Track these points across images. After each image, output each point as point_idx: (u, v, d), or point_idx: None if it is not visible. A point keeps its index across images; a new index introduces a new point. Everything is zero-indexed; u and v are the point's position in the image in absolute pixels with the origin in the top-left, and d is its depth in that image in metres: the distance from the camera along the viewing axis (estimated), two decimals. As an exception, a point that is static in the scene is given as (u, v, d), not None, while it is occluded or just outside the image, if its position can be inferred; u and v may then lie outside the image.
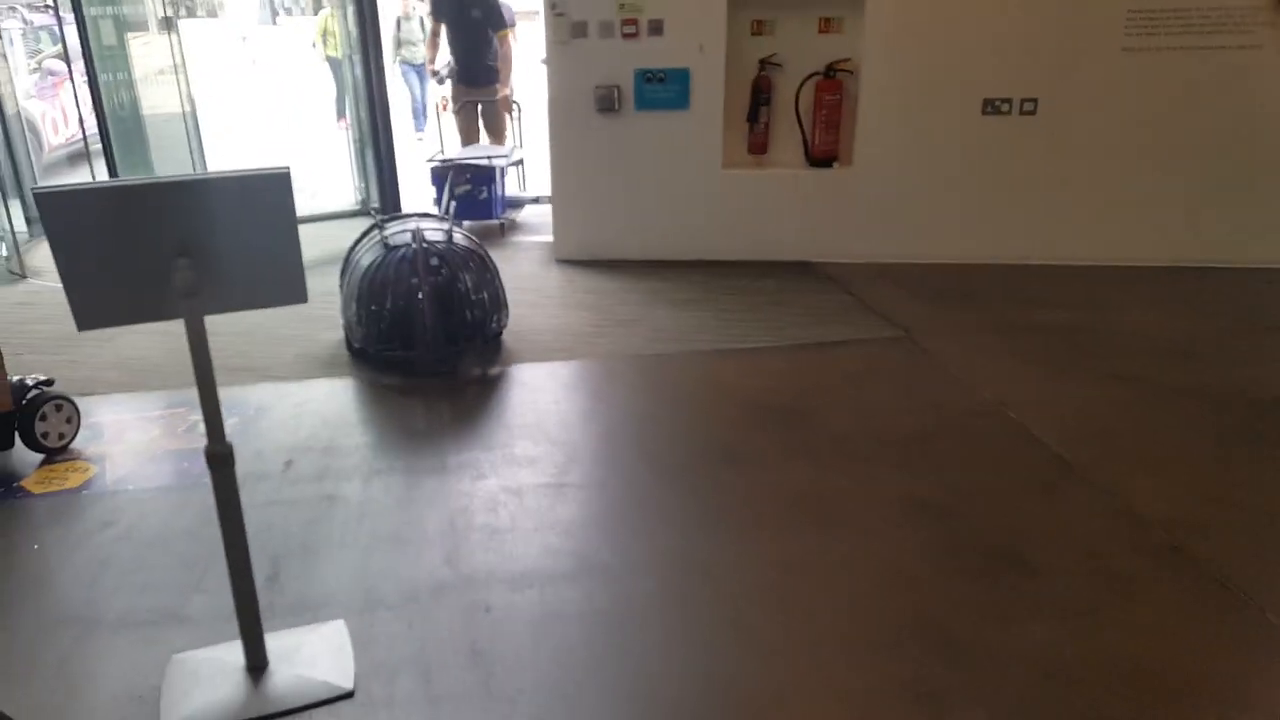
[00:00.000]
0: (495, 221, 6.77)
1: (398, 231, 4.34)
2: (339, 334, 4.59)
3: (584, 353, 4.57)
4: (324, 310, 4.73)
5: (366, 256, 4.28)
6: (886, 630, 2.48)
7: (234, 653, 2.33)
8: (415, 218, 4.62)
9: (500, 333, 4.55)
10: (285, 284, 2.11)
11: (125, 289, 1.98)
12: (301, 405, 3.92)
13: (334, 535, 2.95)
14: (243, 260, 2.05)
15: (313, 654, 2.36)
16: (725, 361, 4.47)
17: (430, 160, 6.93)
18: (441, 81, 7.73)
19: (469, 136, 7.61)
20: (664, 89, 5.81)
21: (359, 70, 6.95)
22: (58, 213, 1.88)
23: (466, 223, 6.33)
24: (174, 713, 2.18)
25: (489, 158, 6.77)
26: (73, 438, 3.58)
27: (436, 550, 2.86)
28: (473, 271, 4.26)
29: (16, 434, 3.44)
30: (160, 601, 2.63)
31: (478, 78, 7.36)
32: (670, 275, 5.80)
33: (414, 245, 4.15)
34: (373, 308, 4.10)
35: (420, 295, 4.05)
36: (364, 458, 3.47)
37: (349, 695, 2.23)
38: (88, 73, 6.15)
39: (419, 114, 11.19)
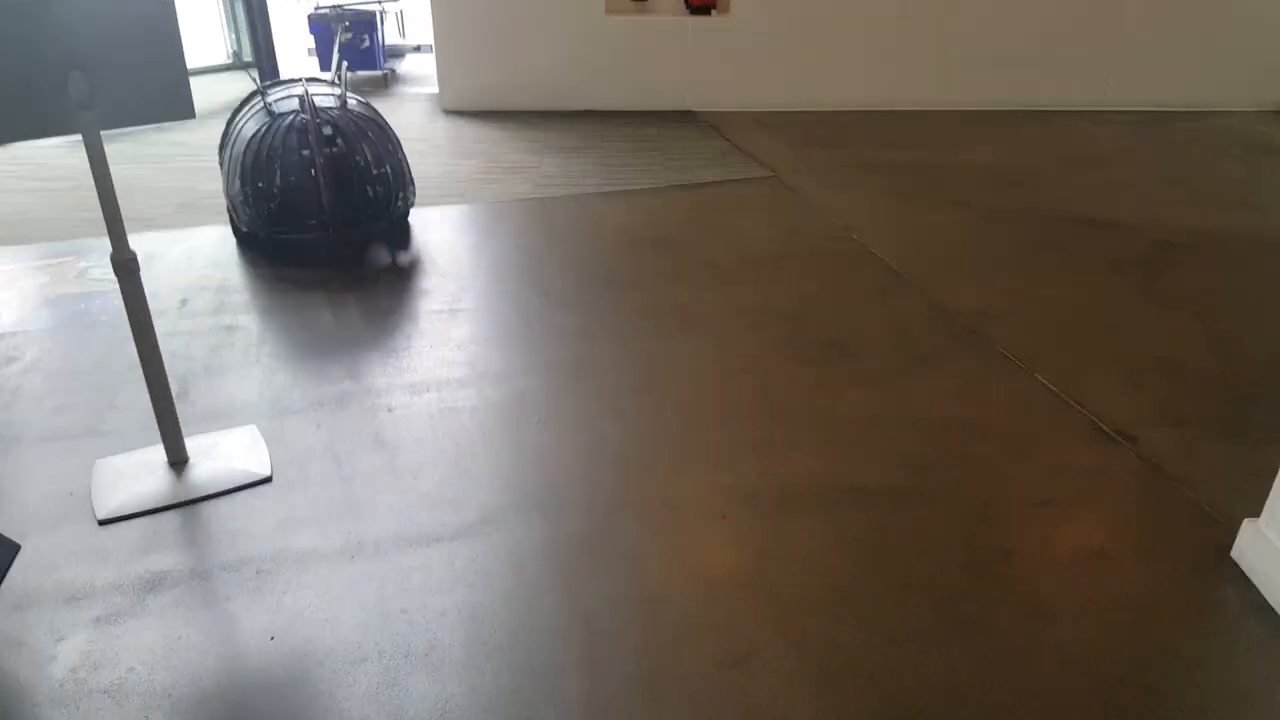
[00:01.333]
0: (378, 73, 6.71)
1: (283, 98, 3.90)
2: (217, 185, 4.52)
3: (473, 197, 4.75)
4: (203, 163, 4.72)
5: (249, 126, 3.79)
6: (733, 405, 2.91)
7: (155, 454, 2.55)
8: (301, 82, 4.14)
9: (407, 212, 4.16)
10: (173, 99, 2.24)
11: (22, 104, 2.08)
12: (191, 250, 4.01)
13: (236, 358, 3.15)
14: (132, 74, 2.16)
15: (229, 450, 2.62)
16: (607, 202, 4.73)
17: (315, 9, 6.69)
18: None
19: None
20: (545, -68, 5.80)
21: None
22: (-56, 25, 1.95)
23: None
24: (105, 503, 2.41)
25: (371, 2, 6.62)
26: (-42, 286, 3.61)
27: (337, 368, 3.11)
28: (372, 142, 3.80)
29: (-102, 282, 3.45)
30: (77, 420, 2.80)
31: None
32: (557, 125, 5.95)
33: (303, 113, 3.70)
34: (259, 185, 3.63)
35: (314, 170, 3.63)
36: (258, 292, 3.64)
37: (268, 480, 2.51)
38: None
39: None
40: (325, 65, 6.14)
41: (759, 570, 2.22)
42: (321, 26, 6.33)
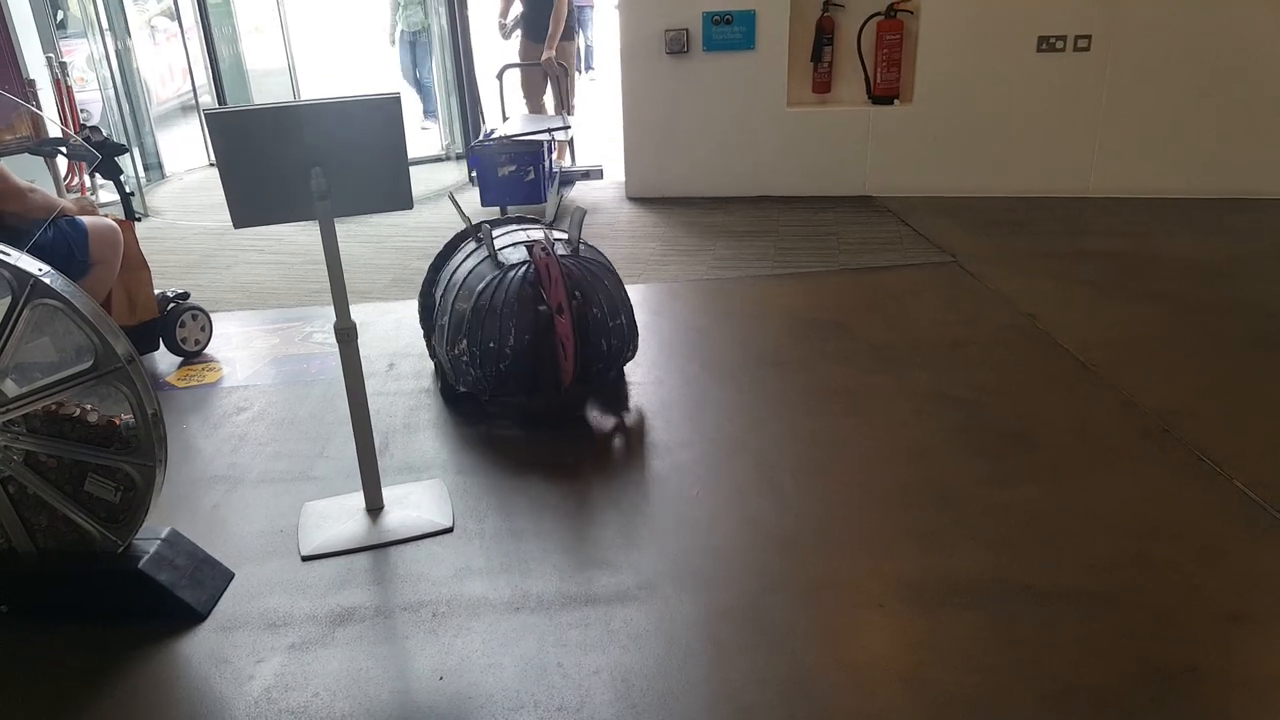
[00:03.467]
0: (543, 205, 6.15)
1: (508, 245, 3.40)
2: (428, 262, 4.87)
3: (649, 277, 4.98)
4: (415, 243, 5.23)
5: (472, 278, 3.29)
6: (898, 490, 2.87)
7: (356, 499, 2.84)
8: (515, 222, 3.75)
9: (629, 359, 3.64)
10: (395, 193, 2.57)
11: (271, 194, 2.46)
12: (400, 320, 4.43)
13: (432, 419, 3.45)
14: (361, 171, 2.50)
15: (419, 500, 2.87)
16: (779, 284, 4.83)
17: (477, 140, 6.32)
18: (507, 36, 7.27)
19: (534, 99, 7.19)
20: (731, 30, 6.09)
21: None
22: (224, 130, 2.36)
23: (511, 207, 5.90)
24: (310, 541, 2.70)
25: (534, 134, 6.11)
26: (207, 343, 4.17)
27: (515, 428, 3.34)
28: (607, 291, 3.35)
29: (160, 339, 4.04)
30: (291, 466, 3.16)
31: (541, 33, 6.76)
32: (734, 210, 6.15)
33: (535, 260, 3.20)
34: (490, 344, 3.16)
35: (556, 327, 3.13)
36: (454, 360, 3.97)
37: (449, 530, 2.73)
38: (202, 26, 6.72)
39: (427, 97, 9.10)
40: (488, 200, 5.97)
41: (914, 663, 2.17)
42: (482, 159, 6.00)
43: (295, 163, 2.40)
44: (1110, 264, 4.89)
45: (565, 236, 3.54)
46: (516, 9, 7.20)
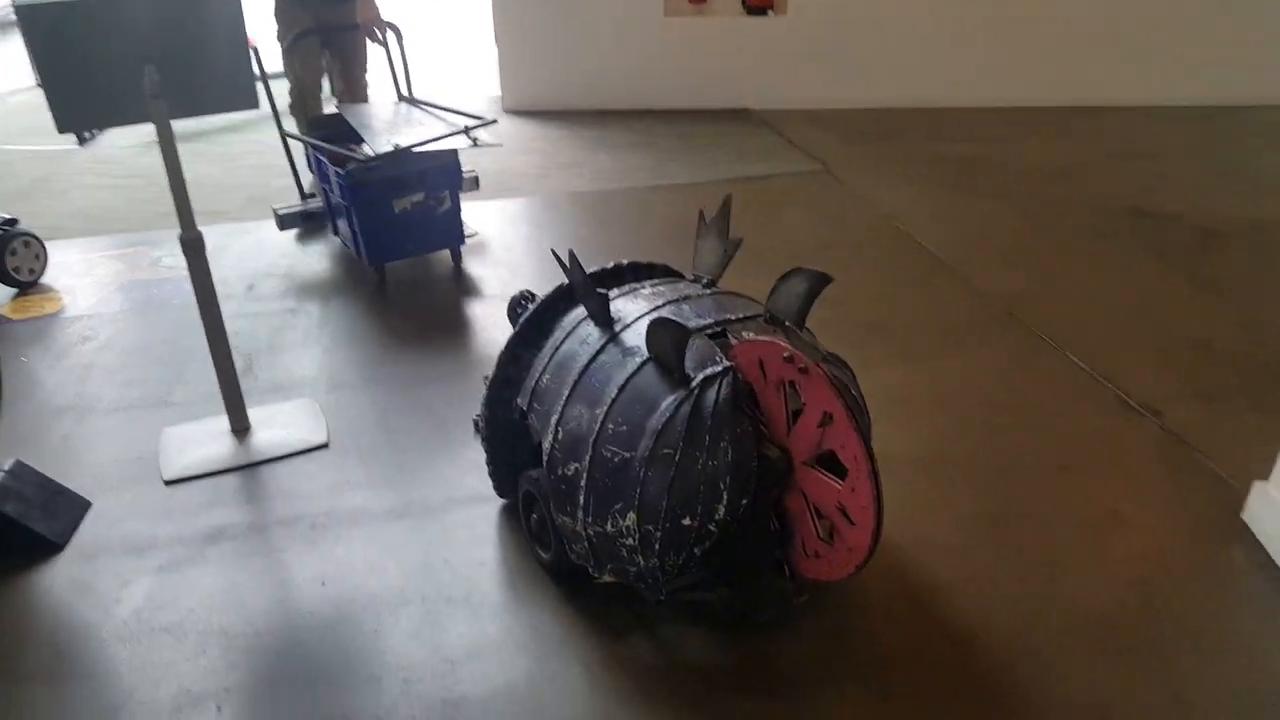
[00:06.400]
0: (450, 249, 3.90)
1: (639, 314, 1.97)
2: (289, 181, 4.38)
3: (529, 191, 4.90)
4: (272, 159, 4.95)
5: (629, 399, 1.82)
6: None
7: (219, 422, 2.72)
8: (629, 273, 2.33)
9: None
10: (237, 89, 2.41)
11: (98, 94, 2.26)
12: (259, 241, 4.21)
13: (298, 338, 3.32)
14: (199, 66, 2.33)
15: (289, 419, 2.77)
16: (659, 196, 4.84)
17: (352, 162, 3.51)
18: None
19: (309, 89, 4.40)
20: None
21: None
22: (37, 24, 2.14)
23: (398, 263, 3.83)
24: (171, 465, 2.58)
25: (445, 135, 3.57)
26: (42, 272, 3.86)
27: (392, 348, 3.26)
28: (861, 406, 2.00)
29: (-12, 270, 3.70)
30: (146, 392, 2.99)
31: None
32: (614, 123, 6.09)
33: (740, 363, 1.81)
34: (684, 520, 1.75)
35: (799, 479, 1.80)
36: (325, 280, 3.82)
37: (324, 446, 2.65)
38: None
39: None
40: (377, 255, 3.66)
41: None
42: (360, 189, 3.46)
43: (124, 59, 2.21)
44: (965, 168, 5.14)
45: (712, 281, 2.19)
46: None
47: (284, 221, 4.01)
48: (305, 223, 4.10)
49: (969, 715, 1.78)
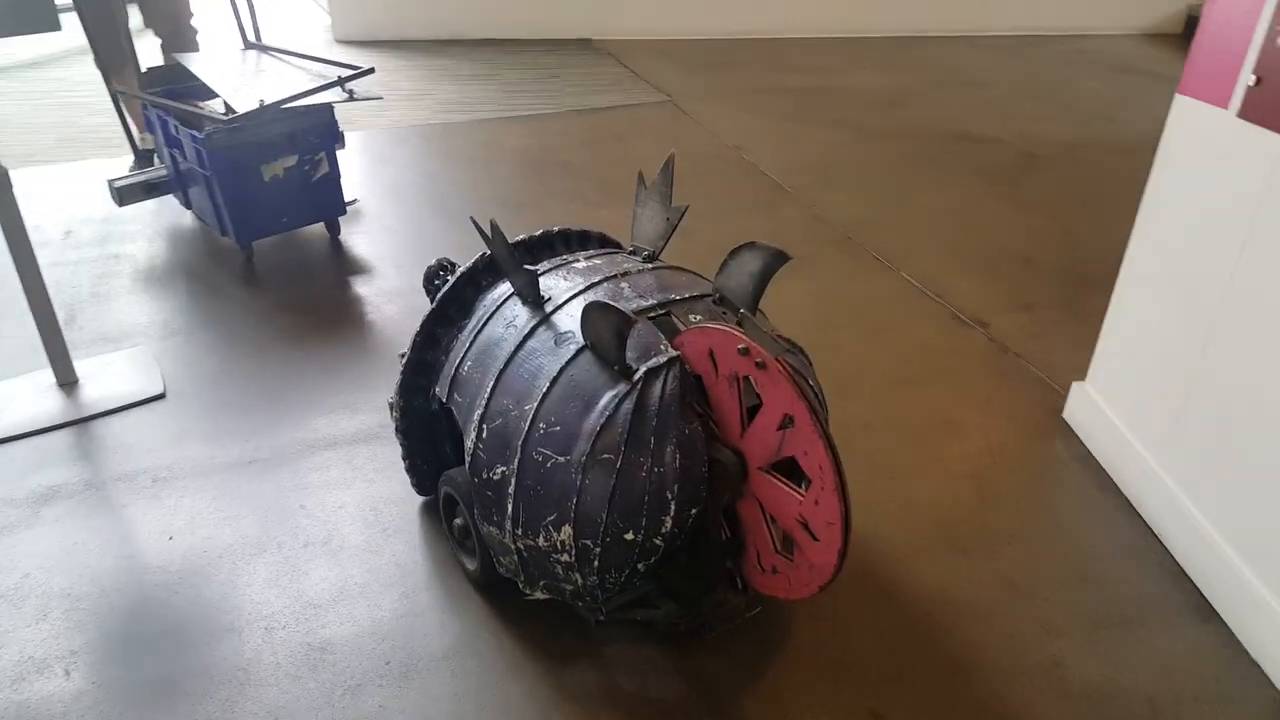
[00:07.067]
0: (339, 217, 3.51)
1: (571, 297, 1.76)
2: (103, 119, 4.16)
3: (369, 124, 4.69)
4: (81, 97, 4.54)
5: (560, 395, 1.60)
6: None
7: (44, 376, 2.54)
8: (559, 243, 2.22)
9: None
10: (31, 7, 2.19)
11: None
12: (73, 184, 3.88)
13: (126, 285, 3.11)
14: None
15: (120, 370, 2.61)
16: (506, 127, 4.74)
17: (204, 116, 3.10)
18: None
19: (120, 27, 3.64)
20: None
21: None
22: None
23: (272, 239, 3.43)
24: (-8, 427, 2.40)
25: (318, 89, 3.11)
26: None
27: (227, 288, 3.10)
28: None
29: None
30: (-45, 350, 2.75)
31: None
32: (456, 53, 5.89)
33: (688, 353, 1.61)
34: (627, 535, 1.56)
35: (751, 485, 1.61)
36: (147, 223, 3.57)
37: (160, 396, 2.52)
38: None
39: None
40: (247, 232, 3.23)
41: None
42: (217, 153, 3.01)
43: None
44: (804, 98, 5.31)
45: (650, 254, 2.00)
46: None
47: (122, 195, 3.37)
48: (149, 194, 3.50)
49: (829, 606, 1.92)
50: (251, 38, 3.67)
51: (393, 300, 3.06)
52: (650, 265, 1.93)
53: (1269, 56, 1.77)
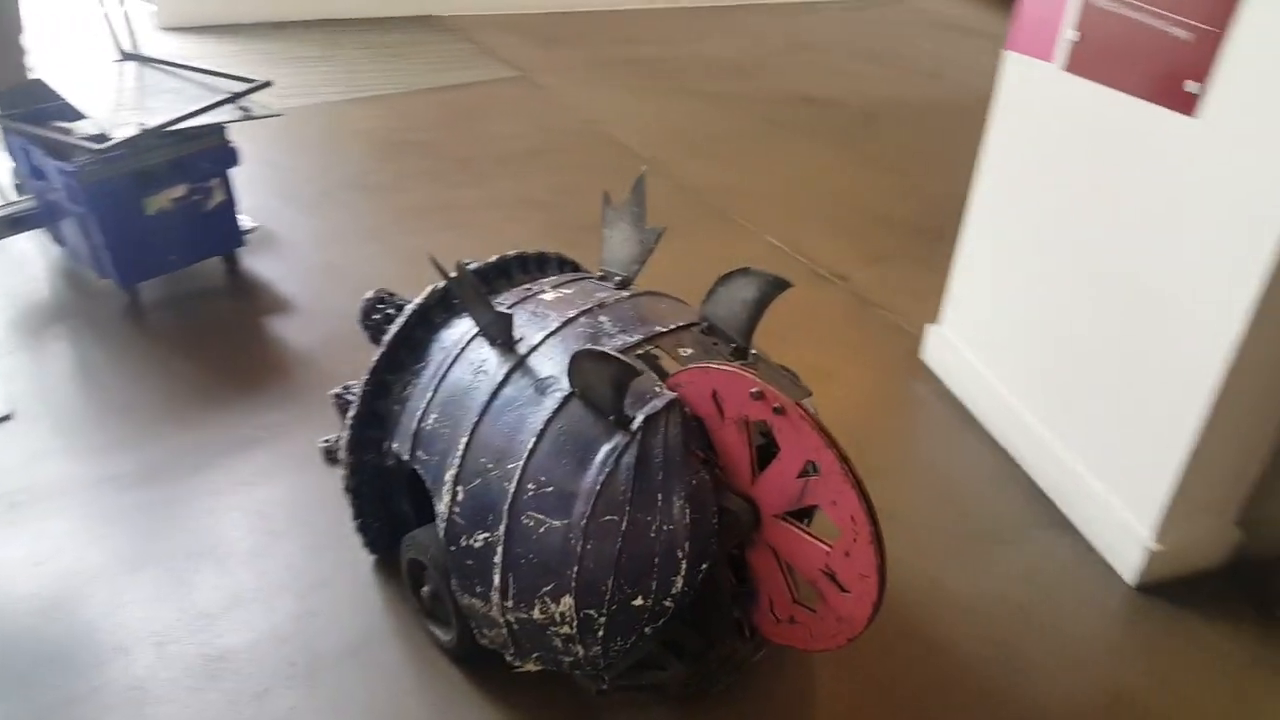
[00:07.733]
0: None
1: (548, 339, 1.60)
2: None
3: (201, 114, 4.43)
4: None
5: (550, 451, 1.44)
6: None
7: None
8: (516, 268, 2.12)
9: None
10: None
11: None
12: None
13: (-52, 301, 2.85)
14: None
15: (-45, 393, 2.41)
16: (354, 109, 4.59)
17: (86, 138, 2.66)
18: None
19: None
20: None
21: None
22: None
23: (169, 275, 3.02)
24: None
25: (210, 107, 2.79)
26: None
27: (71, 293, 2.90)
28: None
29: None
30: None
31: None
32: (293, 35, 5.62)
33: (689, 396, 1.48)
34: (635, 601, 1.40)
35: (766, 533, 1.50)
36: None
37: (7, 418, 2.34)
38: None
39: None
40: (130, 273, 2.83)
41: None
42: (97, 190, 2.60)
43: None
44: (655, 68, 5.40)
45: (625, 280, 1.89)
46: None
47: None
48: (14, 230, 2.93)
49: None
50: (127, 47, 3.27)
51: (255, 297, 2.93)
52: (627, 293, 1.79)
53: (1089, 14, 1.95)
